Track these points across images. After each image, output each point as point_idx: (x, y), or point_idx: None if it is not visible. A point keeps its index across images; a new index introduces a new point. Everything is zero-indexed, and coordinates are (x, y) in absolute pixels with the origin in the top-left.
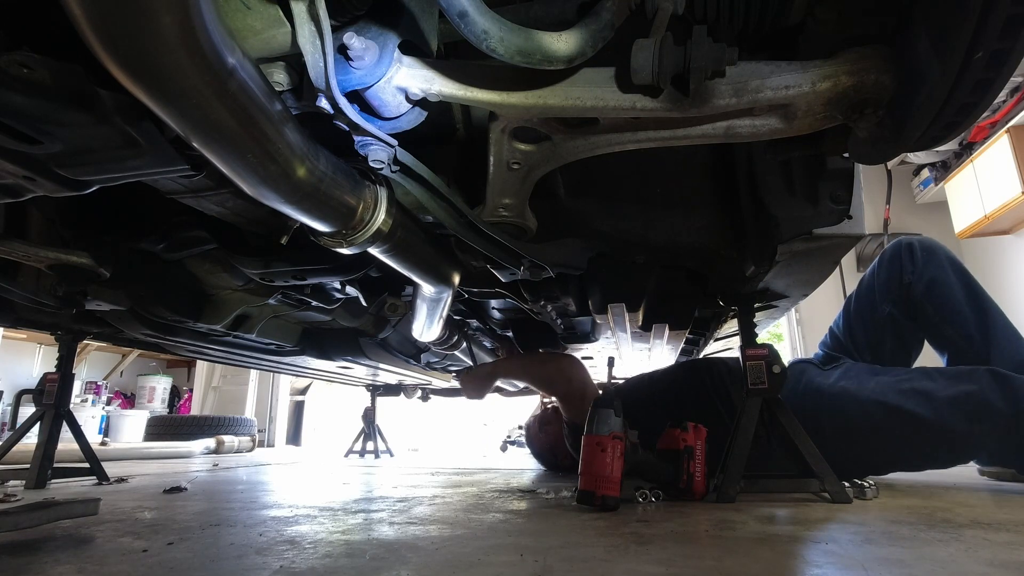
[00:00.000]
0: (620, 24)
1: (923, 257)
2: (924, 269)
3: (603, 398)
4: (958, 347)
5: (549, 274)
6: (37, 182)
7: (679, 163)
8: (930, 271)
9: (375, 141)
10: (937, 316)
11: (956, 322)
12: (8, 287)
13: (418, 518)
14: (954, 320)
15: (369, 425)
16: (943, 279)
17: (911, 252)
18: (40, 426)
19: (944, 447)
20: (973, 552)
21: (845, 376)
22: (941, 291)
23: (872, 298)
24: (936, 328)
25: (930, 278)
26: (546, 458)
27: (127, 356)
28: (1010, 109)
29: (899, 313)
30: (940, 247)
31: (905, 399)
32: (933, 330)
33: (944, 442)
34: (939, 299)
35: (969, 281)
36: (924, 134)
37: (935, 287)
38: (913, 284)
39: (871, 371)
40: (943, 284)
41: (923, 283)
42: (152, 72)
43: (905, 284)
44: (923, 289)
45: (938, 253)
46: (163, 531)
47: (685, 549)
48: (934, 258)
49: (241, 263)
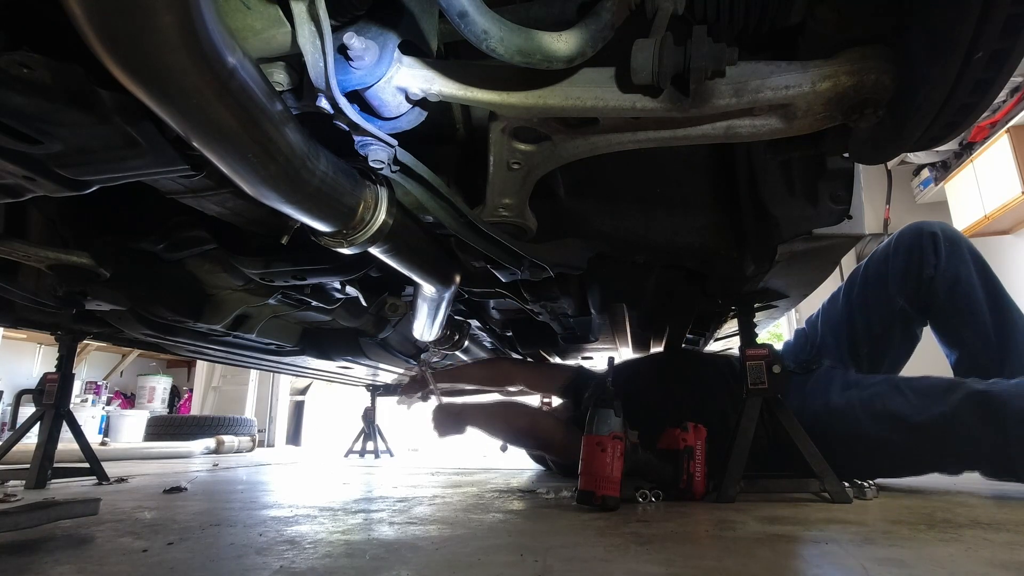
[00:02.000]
0: (620, 24)
1: (947, 249)
2: (948, 264)
3: (603, 398)
4: (971, 349)
5: (549, 274)
6: (37, 182)
7: (679, 163)
8: (954, 266)
9: (375, 141)
10: (957, 317)
11: (975, 323)
12: (8, 287)
13: (418, 518)
14: (973, 322)
15: (369, 425)
16: (967, 277)
17: (934, 243)
18: (40, 426)
19: (924, 469)
20: (973, 552)
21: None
22: (965, 291)
23: (884, 288)
24: (953, 328)
25: (954, 275)
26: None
27: (127, 356)
28: (1010, 109)
29: (912, 308)
30: (963, 238)
31: (878, 425)
32: (949, 329)
33: (922, 466)
34: (962, 300)
35: (990, 278)
36: (924, 134)
37: (959, 286)
38: (936, 279)
39: (842, 384)
40: (967, 283)
41: (947, 280)
42: (152, 72)
43: (926, 278)
44: (946, 287)
45: (962, 246)
46: (163, 531)
47: (685, 549)
48: (958, 251)
49: (241, 263)
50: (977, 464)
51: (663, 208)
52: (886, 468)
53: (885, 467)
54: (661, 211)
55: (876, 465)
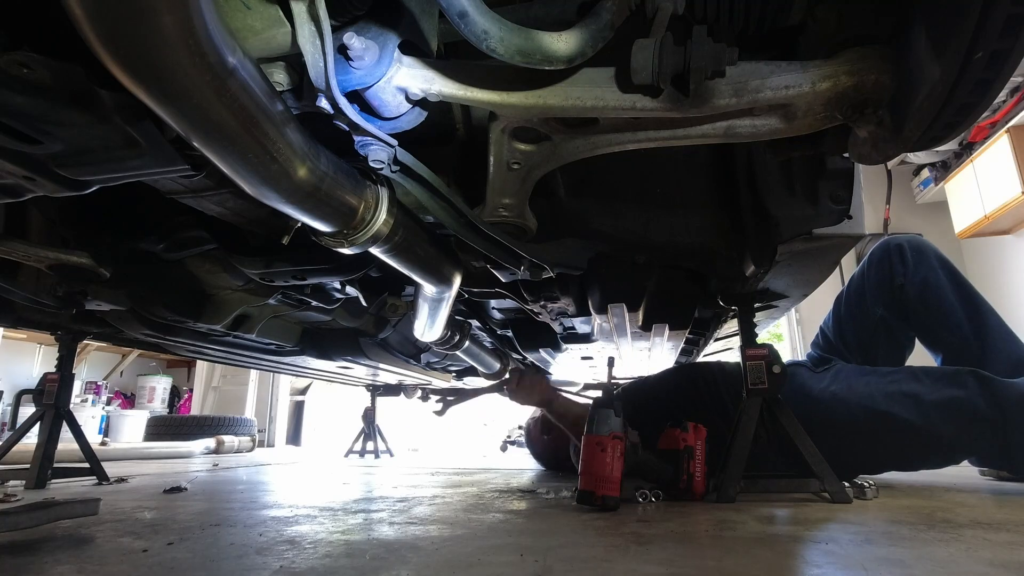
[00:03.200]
0: (620, 24)
1: (913, 258)
2: (915, 270)
3: (603, 398)
4: (952, 348)
5: (549, 274)
6: (37, 182)
7: (679, 163)
8: (921, 272)
9: (375, 141)
10: (931, 318)
11: (950, 323)
12: (8, 287)
13: (418, 518)
14: (948, 322)
15: (369, 425)
16: (935, 280)
17: (901, 253)
18: (40, 426)
19: (932, 450)
20: (973, 552)
21: (835, 380)
22: (934, 293)
23: (863, 300)
24: (930, 330)
25: (922, 280)
26: (547, 460)
27: (127, 356)
28: (1010, 109)
29: (891, 315)
30: (929, 246)
31: (892, 403)
32: (927, 332)
33: (932, 445)
34: (932, 301)
35: (960, 281)
36: (924, 134)
37: (928, 289)
38: (906, 286)
39: (860, 371)
40: (935, 286)
41: (916, 285)
42: (152, 72)
43: (897, 286)
44: (916, 292)
45: (927, 253)
46: (163, 531)
47: (685, 549)
48: (924, 258)
49: (241, 263)
50: (974, 447)
51: (663, 208)
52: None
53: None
54: (661, 211)
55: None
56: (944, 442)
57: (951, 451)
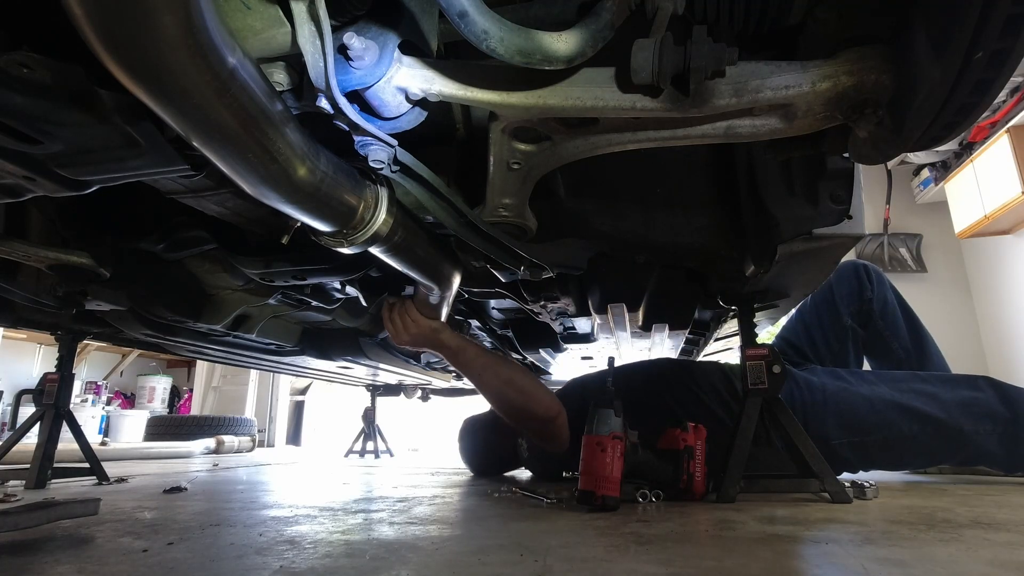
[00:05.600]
0: (620, 24)
1: (876, 279)
2: (878, 290)
3: (603, 398)
4: (899, 360)
5: (549, 274)
6: (37, 182)
7: (679, 163)
8: (883, 292)
9: (375, 141)
10: (887, 332)
11: (899, 338)
12: (8, 287)
13: (418, 518)
14: (898, 336)
15: (369, 425)
16: (891, 301)
17: (867, 272)
18: (40, 426)
19: (952, 445)
20: (973, 552)
21: (835, 376)
22: (891, 310)
23: (835, 309)
24: (884, 342)
25: (883, 297)
26: (482, 462)
27: (127, 356)
28: (1010, 109)
29: (856, 325)
30: (882, 272)
31: (915, 398)
32: (881, 343)
33: (953, 440)
34: (889, 317)
35: (906, 306)
36: (924, 134)
37: (887, 306)
38: (873, 301)
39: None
40: (892, 305)
41: (879, 301)
42: (153, 72)
43: (866, 300)
44: (880, 307)
45: (884, 278)
46: (163, 531)
47: (685, 549)
48: (883, 281)
49: (241, 263)
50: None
51: (663, 208)
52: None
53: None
54: (661, 211)
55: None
56: (964, 437)
57: (966, 446)
